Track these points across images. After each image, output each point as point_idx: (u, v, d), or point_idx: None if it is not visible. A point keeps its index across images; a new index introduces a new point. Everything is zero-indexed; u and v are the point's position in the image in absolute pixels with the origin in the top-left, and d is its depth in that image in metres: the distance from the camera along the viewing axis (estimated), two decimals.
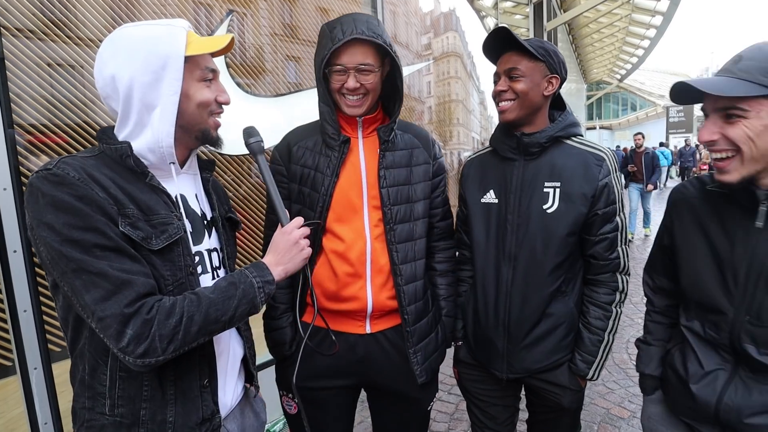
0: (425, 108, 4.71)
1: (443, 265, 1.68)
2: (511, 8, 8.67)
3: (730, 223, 1.12)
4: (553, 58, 1.45)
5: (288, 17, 2.88)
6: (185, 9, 2.26)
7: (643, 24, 16.59)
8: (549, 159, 1.49)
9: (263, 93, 2.67)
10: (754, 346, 1.08)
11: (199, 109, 1.06)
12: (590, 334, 1.53)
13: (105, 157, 1.00)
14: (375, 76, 1.39)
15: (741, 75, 0.98)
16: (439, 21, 5.02)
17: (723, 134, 1.01)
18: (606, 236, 1.48)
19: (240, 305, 1.03)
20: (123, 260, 0.91)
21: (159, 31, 1.01)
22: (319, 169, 1.44)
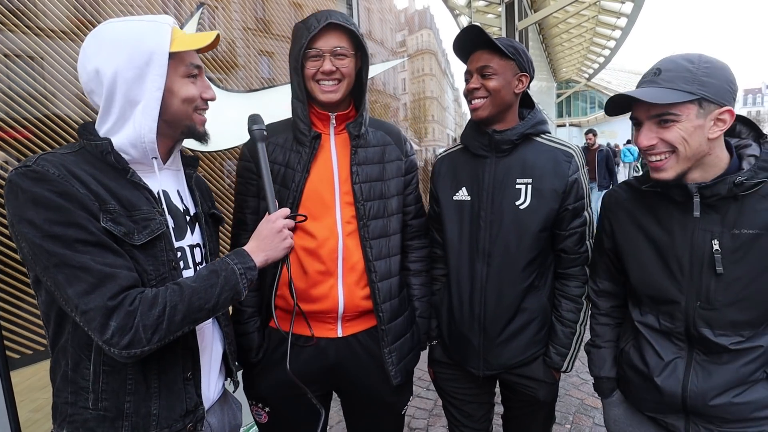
0: (400, 105, 4.72)
1: (417, 265, 1.67)
2: (484, 7, 8.76)
3: (666, 218, 1.22)
4: (522, 56, 1.48)
5: (261, 11, 2.82)
6: (153, 0, 2.18)
7: (609, 25, 17.01)
8: (520, 156, 1.51)
9: (236, 88, 2.61)
10: (709, 329, 1.16)
11: (184, 104, 1.07)
12: (563, 327, 1.56)
13: (85, 153, 1.00)
14: (350, 61, 1.40)
15: (666, 85, 1.10)
16: (413, 18, 5.03)
17: (660, 138, 1.12)
18: (576, 230, 1.52)
19: (223, 292, 1.04)
20: (105, 254, 0.92)
21: (144, 26, 1.01)
22: (290, 166, 1.43)
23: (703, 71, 1.08)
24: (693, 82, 1.08)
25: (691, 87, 1.07)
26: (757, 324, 1.14)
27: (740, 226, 1.11)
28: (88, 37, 1.01)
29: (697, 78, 1.08)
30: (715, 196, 1.12)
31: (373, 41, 4.10)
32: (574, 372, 3.54)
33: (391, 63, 4.45)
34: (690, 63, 1.10)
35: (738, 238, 1.11)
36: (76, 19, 1.88)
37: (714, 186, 1.11)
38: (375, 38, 4.12)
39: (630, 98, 1.14)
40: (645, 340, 1.28)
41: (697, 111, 1.08)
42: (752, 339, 1.14)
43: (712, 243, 1.13)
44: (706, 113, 1.08)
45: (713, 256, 1.13)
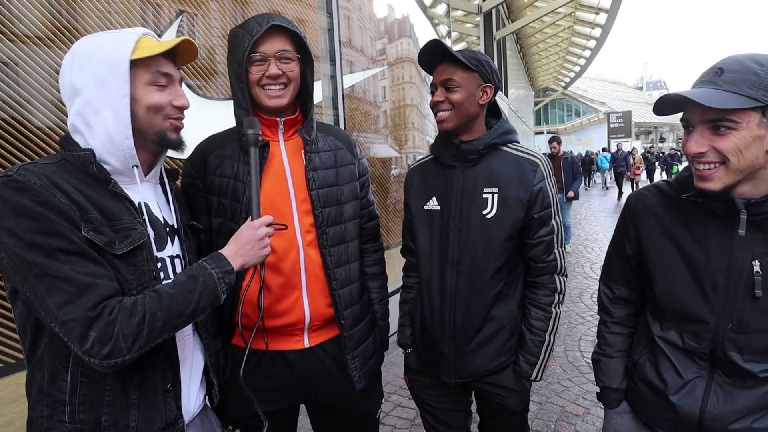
0: (380, 112, 4.73)
1: (374, 268, 1.67)
2: (462, 17, 8.88)
3: (702, 232, 1.12)
4: (486, 68, 1.49)
5: (240, 18, 2.82)
6: (131, 8, 2.17)
7: (584, 35, 17.44)
8: (487, 165, 1.53)
9: (215, 95, 2.60)
10: (738, 354, 1.08)
11: (149, 112, 1.07)
12: (532, 336, 1.56)
13: (66, 163, 1.00)
14: (295, 65, 1.37)
15: (727, 87, 0.98)
16: (393, 27, 5.07)
17: (712, 146, 1.01)
18: (543, 239, 1.53)
19: (201, 297, 1.03)
20: (86, 264, 0.92)
21: (109, 37, 1.04)
22: (239, 178, 1.37)
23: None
24: (759, 86, 0.95)
25: (757, 92, 0.95)
26: None
27: None
28: (68, 53, 1.05)
29: (765, 83, 0.95)
30: (762, 215, 1.04)
31: (354, 49, 4.12)
32: (555, 379, 3.56)
33: (371, 71, 4.48)
34: (758, 65, 0.97)
35: None
36: (52, 25, 1.85)
37: (764, 203, 1.02)
38: (355, 46, 4.15)
39: (683, 99, 1.02)
40: (664, 356, 1.21)
41: (760, 120, 0.97)
42: None
43: (752, 264, 1.05)
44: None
45: (753, 277, 1.05)
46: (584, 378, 3.58)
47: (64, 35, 1.88)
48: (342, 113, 3.66)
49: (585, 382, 3.51)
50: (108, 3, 2.05)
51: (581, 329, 4.60)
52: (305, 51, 1.40)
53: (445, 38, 7.72)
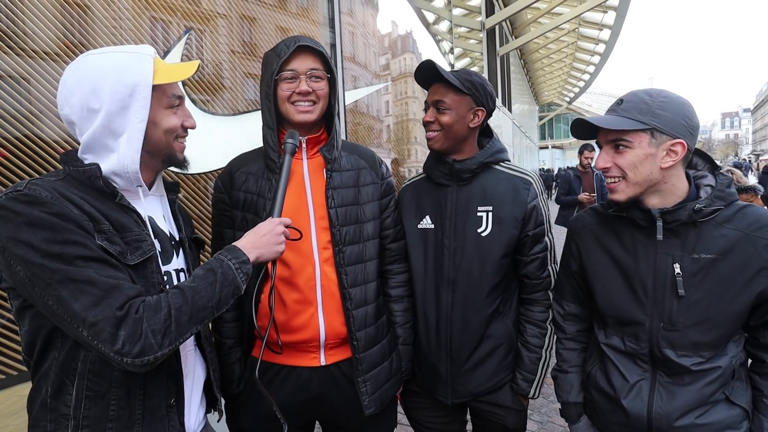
0: (384, 127, 4.79)
1: (399, 290, 1.64)
2: (466, 33, 8.99)
3: (630, 242, 1.28)
4: (479, 91, 1.50)
5: (247, 35, 2.89)
6: (141, 24, 2.23)
7: (588, 51, 17.55)
8: (480, 184, 1.55)
9: (221, 111, 2.66)
10: (672, 350, 1.20)
11: (165, 135, 1.09)
12: (529, 353, 1.56)
13: (71, 179, 1.01)
14: (325, 84, 1.42)
15: (622, 113, 1.20)
16: (396, 43, 5.15)
17: (614, 162, 1.22)
18: (537, 256, 1.55)
19: (223, 288, 1.04)
20: (106, 269, 0.93)
21: (126, 59, 1.03)
22: (261, 194, 1.42)
23: (659, 104, 1.17)
24: (647, 113, 1.17)
25: (645, 117, 1.17)
26: (716, 345, 1.19)
27: (699, 251, 1.18)
28: (68, 70, 1.03)
29: (652, 110, 1.17)
30: (676, 222, 1.19)
31: (357, 65, 4.19)
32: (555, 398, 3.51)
33: (374, 87, 4.55)
34: (648, 96, 1.20)
35: (697, 262, 1.18)
36: (64, 40, 1.91)
37: (675, 212, 1.18)
38: (359, 62, 4.22)
39: (589, 124, 1.24)
40: (610, 362, 1.31)
41: (649, 140, 1.17)
42: (712, 360, 1.19)
43: (673, 266, 1.19)
44: (659, 143, 1.17)
45: (675, 278, 1.19)
46: None
47: (76, 51, 1.94)
48: (344, 128, 3.71)
49: None
50: (119, 19, 2.12)
51: None
52: (331, 71, 1.44)
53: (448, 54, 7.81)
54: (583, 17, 12.85)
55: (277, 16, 3.12)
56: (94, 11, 2.02)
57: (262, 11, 3.01)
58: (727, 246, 1.16)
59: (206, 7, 2.61)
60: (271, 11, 3.08)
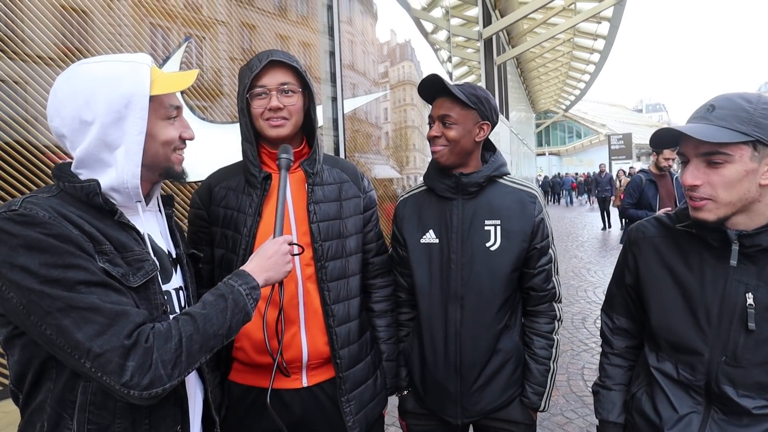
0: (382, 134, 4.80)
1: (382, 305, 1.61)
2: (463, 42, 9.06)
3: (697, 262, 1.14)
4: (485, 105, 1.48)
5: (247, 43, 2.89)
6: (141, 31, 2.23)
7: (583, 60, 17.71)
8: (486, 198, 1.52)
9: (219, 119, 2.65)
10: (732, 388, 1.07)
11: (163, 147, 1.04)
12: (538, 365, 1.54)
13: (66, 196, 0.94)
14: (297, 98, 1.38)
15: (719, 123, 1.02)
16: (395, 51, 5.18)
17: (707, 179, 1.04)
18: (543, 268, 1.53)
19: (234, 315, 1.00)
20: (110, 294, 0.87)
21: (122, 68, 0.97)
22: (242, 210, 1.38)
23: (761, 112, 1.00)
24: (749, 122, 1.00)
25: (747, 128, 0.99)
26: None
27: None
28: (60, 80, 0.97)
29: (754, 118, 1.00)
30: (755, 247, 1.05)
31: (357, 72, 4.20)
32: (558, 410, 3.46)
33: (374, 95, 4.56)
34: (747, 102, 1.03)
35: None
36: (63, 46, 1.90)
37: (756, 236, 1.04)
38: (358, 69, 4.23)
39: (678, 133, 1.07)
40: (659, 388, 1.20)
41: (752, 154, 1.00)
42: None
43: (746, 296, 1.06)
44: (762, 157, 1.01)
45: (746, 310, 1.05)
46: (588, 409, 3.45)
47: (75, 56, 1.93)
48: (342, 135, 3.71)
49: (589, 413, 3.38)
50: (119, 26, 2.11)
51: (585, 357, 4.47)
52: (307, 86, 1.41)
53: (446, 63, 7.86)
54: (578, 28, 12.99)
55: (277, 24, 3.13)
56: (93, 17, 2.02)
57: (262, 19, 3.01)
58: None
59: (207, 15, 2.62)
60: (271, 19, 3.09)
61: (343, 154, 3.70)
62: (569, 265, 8.75)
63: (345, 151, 3.74)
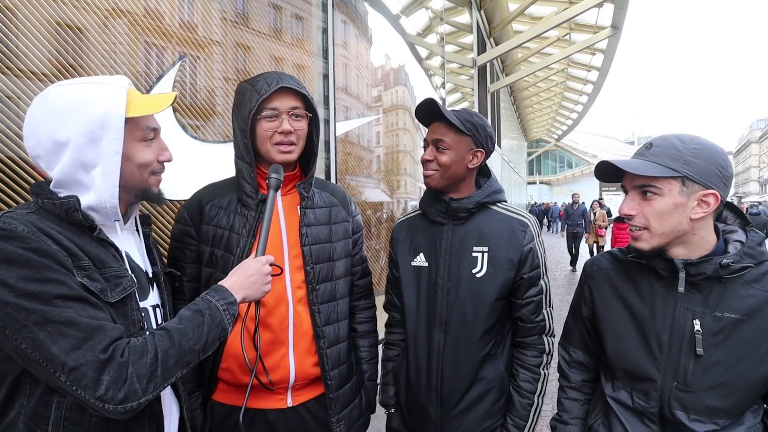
0: (374, 157, 4.83)
1: (365, 326, 1.64)
2: (457, 69, 9.22)
3: (648, 291, 1.21)
4: (480, 132, 1.50)
5: (241, 63, 2.93)
6: (135, 49, 2.25)
7: (576, 90, 18.05)
8: (476, 224, 1.53)
9: (212, 138, 2.66)
10: (684, 413, 1.12)
11: (139, 169, 1.06)
12: (521, 398, 1.53)
13: (44, 212, 0.96)
14: (305, 123, 1.41)
15: (652, 159, 1.13)
16: (389, 75, 5.26)
17: (641, 210, 1.15)
18: (532, 299, 1.52)
19: (210, 331, 1.00)
20: (87, 308, 0.88)
21: (96, 90, 0.99)
22: (234, 230, 1.38)
23: (691, 151, 1.10)
24: (678, 159, 1.09)
25: (676, 164, 1.09)
26: (732, 413, 1.10)
27: (723, 309, 1.10)
28: (36, 101, 0.99)
29: (683, 156, 1.10)
30: (700, 275, 1.11)
31: (350, 95, 4.26)
32: None
33: (366, 119, 4.61)
34: (680, 142, 1.12)
35: (720, 321, 1.10)
36: (57, 62, 1.92)
37: (700, 264, 1.11)
38: (351, 93, 4.29)
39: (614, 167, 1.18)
40: (615, 418, 1.23)
41: (680, 188, 1.10)
42: (727, 429, 1.10)
43: (693, 323, 1.12)
44: (690, 192, 1.10)
45: (694, 336, 1.11)
46: None
47: (69, 72, 1.94)
48: (334, 157, 3.73)
49: None
50: (113, 44, 2.14)
51: None
52: (313, 111, 1.44)
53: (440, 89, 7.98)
54: (572, 58, 13.27)
55: (271, 46, 3.18)
56: (88, 34, 2.04)
57: (257, 40, 3.06)
58: (753, 307, 1.08)
59: (202, 35, 2.65)
60: (266, 40, 3.14)
61: (334, 176, 3.71)
62: None
63: (336, 174, 3.75)
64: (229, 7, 2.85)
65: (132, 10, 2.23)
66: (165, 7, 2.40)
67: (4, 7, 1.75)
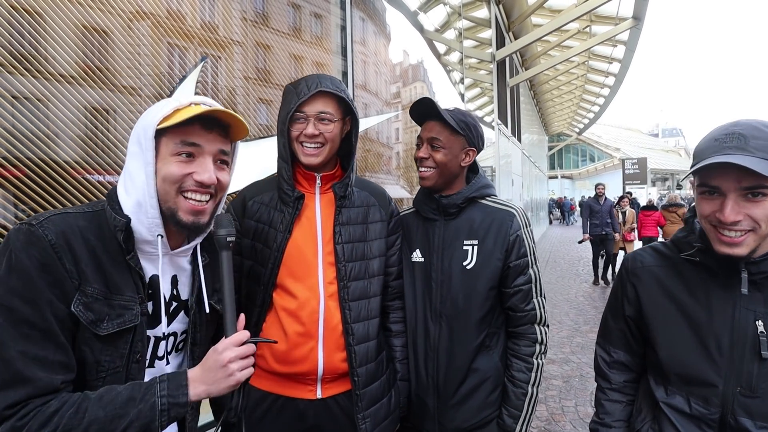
0: (393, 153, 4.83)
1: (397, 326, 1.66)
2: (476, 64, 9.15)
3: (703, 292, 1.11)
4: (473, 132, 1.56)
5: (262, 62, 2.96)
6: (159, 50, 2.29)
7: (598, 83, 17.72)
8: (467, 218, 1.58)
9: None
10: (749, 419, 1.04)
11: (164, 184, 1.00)
12: (515, 388, 1.53)
13: (100, 217, 0.99)
14: (334, 126, 1.44)
15: (759, 154, 0.96)
16: (407, 72, 5.25)
17: (747, 213, 1.00)
18: (520, 288, 1.54)
19: (128, 427, 0.88)
20: (46, 346, 0.86)
21: (158, 104, 1.04)
22: (273, 225, 1.45)
23: None
24: None
25: None
26: None
27: None
28: None
29: None
30: (762, 274, 1.04)
31: (369, 93, 4.26)
32: None
33: (386, 115, 4.61)
34: None
35: None
36: (83, 65, 1.97)
37: (762, 263, 1.03)
38: (370, 90, 4.29)
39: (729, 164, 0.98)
40: (669, 424, 1.14)
41: None
42: None
43: (756, 324, 1.04)
44: None
45: (758, 338, 1.03)
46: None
47: (95, 75, 1.99)
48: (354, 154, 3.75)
49: None
50: (137, 46, 2.18)
51: (593, 382, 4.39)
52: (351, 112, 1.49)
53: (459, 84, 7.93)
54: (593, 51, 13.03)
55: (291, 44, 3.20)
56: (113, 37, 2.09)
57: (276, 39, 3.09)
58: None
59: (223, 35, 2.69)
60: (286, 39, 3.16)
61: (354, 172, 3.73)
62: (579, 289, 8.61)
63: (356, 170, 3.77)
64: (249, 7, 2.88)
65: (155, 12, 2.27)
66: (187, 8, 2.44)
67: (33, 12, 1.80)
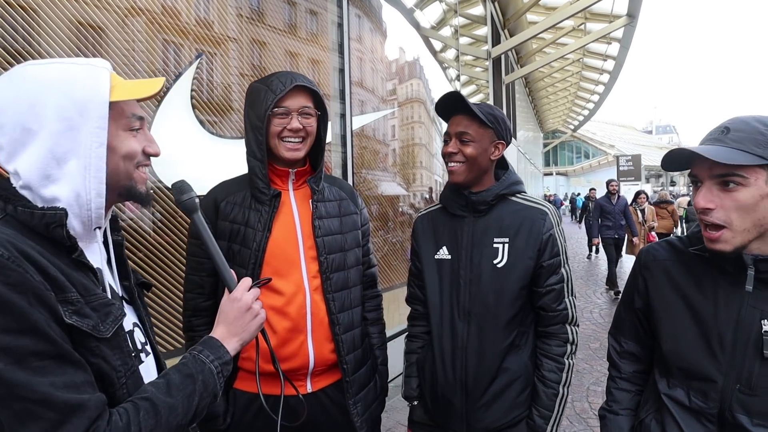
0: (389, 151, 4.83)
1: (373, 314, 1.72)
2: (472, 61, 9.13)
3: (710, 287, 1.11)
4: (501, 125, 1.53)
5: (257, 59, 2.94)
6: (154, 46, 2.27)
7: (592, 80, 17.77)
8: (497, 215, 1.55)
9: (229, 134, 2.68)
10: (746, 416, 1.04)
11: (124, 162, 0.90)
12: (546, 388, 1.52)
13: (15, 223, 0.79)
14: (314, 120, 1.47)
15: (734, 145, 1.00)
16: (403, 69, 5.24)
17: (720, 203, 1.02)
18: (553, 287, 1.52)
19: (202, 400, 0.88)
20: (66, 370, 0.71)
21: (75, 71, 0.84)
22: (250, 225, 1.44)
23: None
24: (765, 145, 0.98)
25: (763, 151, 0.97)
26: None
27: None
28: (2, 80, 0.83)
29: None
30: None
31: (365, 89, 4.25)
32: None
33: (382, 112, 4.60)
34: (764, 125, 1.01)
35: None
36: None
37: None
38: (367, 87, 4.28)
39: (691, 154, 1.04)
40: (670, 416, 1.16)
41: (766, 178, 0.98)
42: None
43: (761, 323, 1.03)
44: None
45: (761, 337, 1.02)
46: (592, 431, 3.46)
47: None
48: (350, 151, 3.74)
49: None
50: (132, 42, 2.16)
51: (589, 378, 4.45)
52: (323, 108, 1.50)
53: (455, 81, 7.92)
54: (588, 48, 13.06)
55: (287, 41, 3.18)
56: (108, 32, 2.07)
57: (272, 36, 3.07)
58: None
59: (218, 31, 2.67)
60: (282, 36, 3.15)
61: (350, 170, 3.72)
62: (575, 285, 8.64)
63: (353, 168, 3.76)
64: (244, 3, 2.86)
65: (150, 8, 2.25)
66: (182, 4, 2.42)
67: (27, 7, 1.78)
